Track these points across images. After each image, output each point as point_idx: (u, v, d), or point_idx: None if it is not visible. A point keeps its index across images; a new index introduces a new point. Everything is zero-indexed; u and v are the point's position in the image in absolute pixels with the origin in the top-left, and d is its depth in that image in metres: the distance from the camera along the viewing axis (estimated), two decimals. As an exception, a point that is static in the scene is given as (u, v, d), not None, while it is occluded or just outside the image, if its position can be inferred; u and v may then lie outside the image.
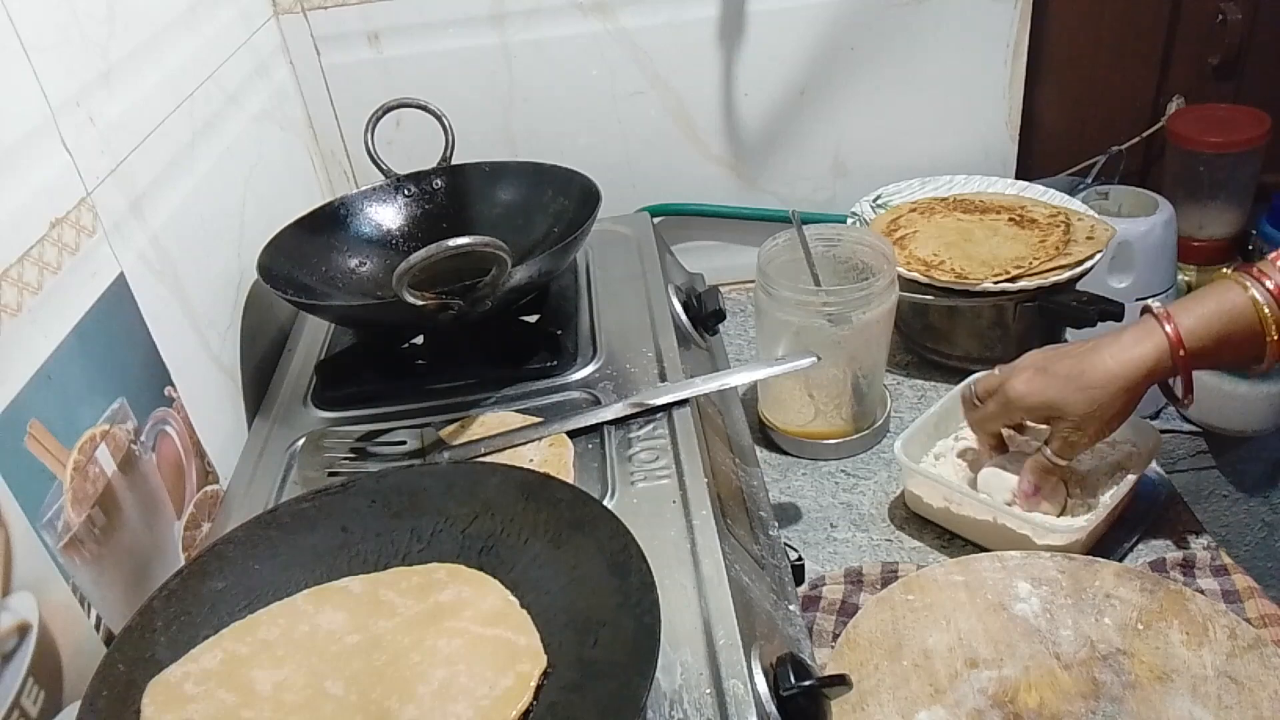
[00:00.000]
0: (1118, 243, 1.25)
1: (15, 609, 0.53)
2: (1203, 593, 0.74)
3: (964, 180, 1.15)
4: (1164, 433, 1.44)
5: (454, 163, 1.01)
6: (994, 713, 0.67)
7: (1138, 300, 1.35)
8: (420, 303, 0.70)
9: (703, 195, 1.22)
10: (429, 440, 0.74)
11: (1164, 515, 0.85)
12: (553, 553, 0.57)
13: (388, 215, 0.99)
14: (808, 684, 0.55)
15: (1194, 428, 1.38)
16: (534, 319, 0.88)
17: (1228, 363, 0.74)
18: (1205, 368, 0.73)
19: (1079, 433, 0.76)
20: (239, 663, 0.53)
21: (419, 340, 0.87)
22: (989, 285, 0.95)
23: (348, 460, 0.74)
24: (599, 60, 1.13)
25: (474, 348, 0.83)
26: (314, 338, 0.93)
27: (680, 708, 0.53)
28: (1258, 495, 1.45)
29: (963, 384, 0.87)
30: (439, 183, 1.00)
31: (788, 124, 1.19)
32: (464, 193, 1.00)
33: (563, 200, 0.95)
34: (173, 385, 0.75)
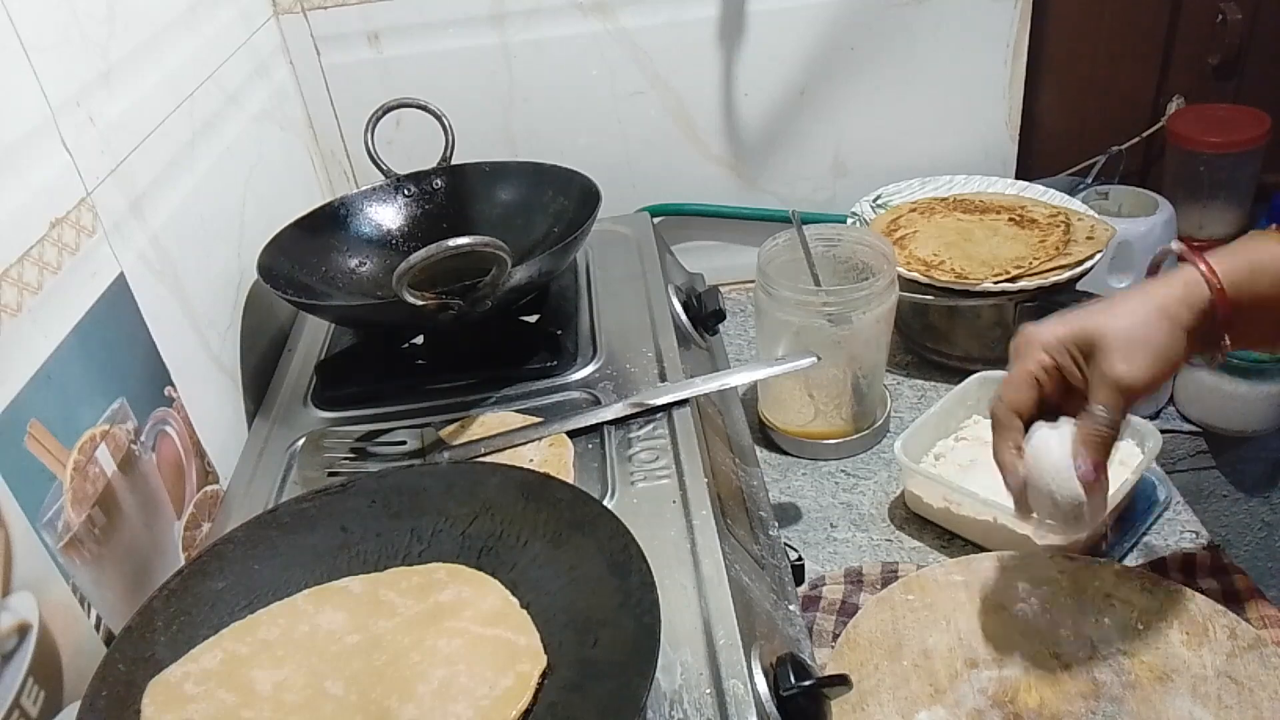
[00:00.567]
0: (1118, 243, 1.25)
1: (15, 609, 0.53)
2: (1203, 593, 0.73)
3: (964, 180, 1.15)
4: (1164, 433, 1.43)
5: (454, 163, 1.01)
6: (994, 713, 0.67)
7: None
8: (420, 303, 0.70)
9: (703, 195, 1.22)
10: (429, 440, 0.74)
11: (1164, 515, 0.85)
12: (553, 553, 0.57)
13: (388, 215, 0.99)
14: (808, 684, 0.55)
15: (1194, 428, 1.38)
16: (534, 319, 0.88)
17: (1272, 320, 0.62)
18: (1247, 319, 0.61)
19: (1128, 366, 0.60)
20: (239, 663, 0.53)
21: (419, 340, 0.87)
22: (989, 285, 0.95)
23: (348, 460, 0.74)
24: (599, 60, 1.13)
25: (474, 348, 0.83)
26: (314, 338, 0.93)
27: (680, 708, 0.53)
28: (1258, 495, 1.45)
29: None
30: (439, 183, 1.00)
31: (788, 124, 1.19)
32: (464, 193, 1.00)
33: (563, 200, 0.95)
34: (173, 385, 0.75)
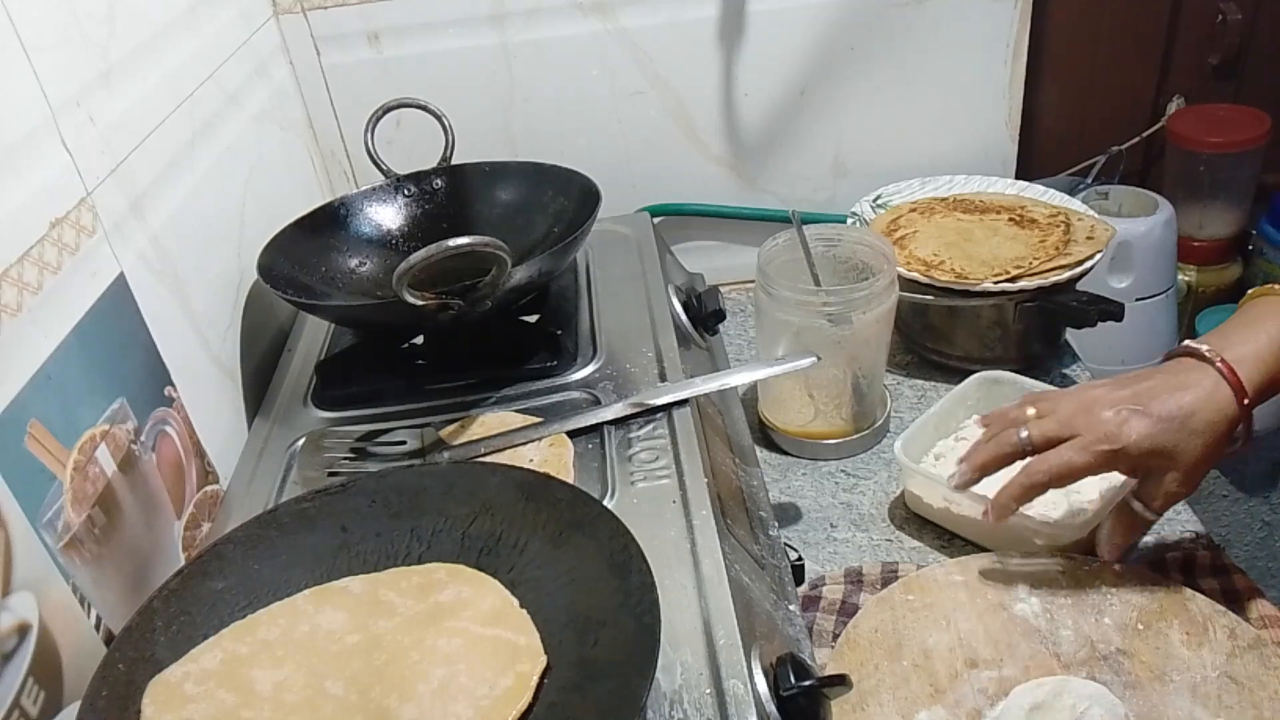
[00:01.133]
0: (1118, 243, 1.25)
1: (15, 609, 0.53)
2: (1203, 593, 0.73)
3: (964, 180, 1.15)
4: (1164, 433, 1.44)
5: (454, 163, 1.00)
6: (994, 712, 0.67)
7: (1138, 300, 1.35)
8: (420, 303, 0.70)
9: (703, 195, 1.22)
10: (429, 440, 0.74)
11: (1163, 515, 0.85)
12: (553, 553, 0.57)
13: (388, 215, 0.99)
14: (808, 684, 0.55)
15: (1194, 428, 1.38)
16: (534, 319, 0.88)
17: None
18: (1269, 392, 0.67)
19: (1185, 484, 0.68)
20: (239, 663, 0.53)
21: (419, 340, 0.87)
22: (989, 285, 0.95)
23: (348, 460, 0.74)
24: (599, 60, 1.13)
25: (474, 348, 0.83)
26: (314, 338, 0.93)
27: (680, 708, 0.53)
28: (1258, 495, 1.45)
29: (996, 432, 0.73)
30: (439, 183, 1.00)
31: (788, 124, 1.19)
32: (464, 193, 1.00)
33: (563, 200, 0.95)
34: (173, 385, 0.75)
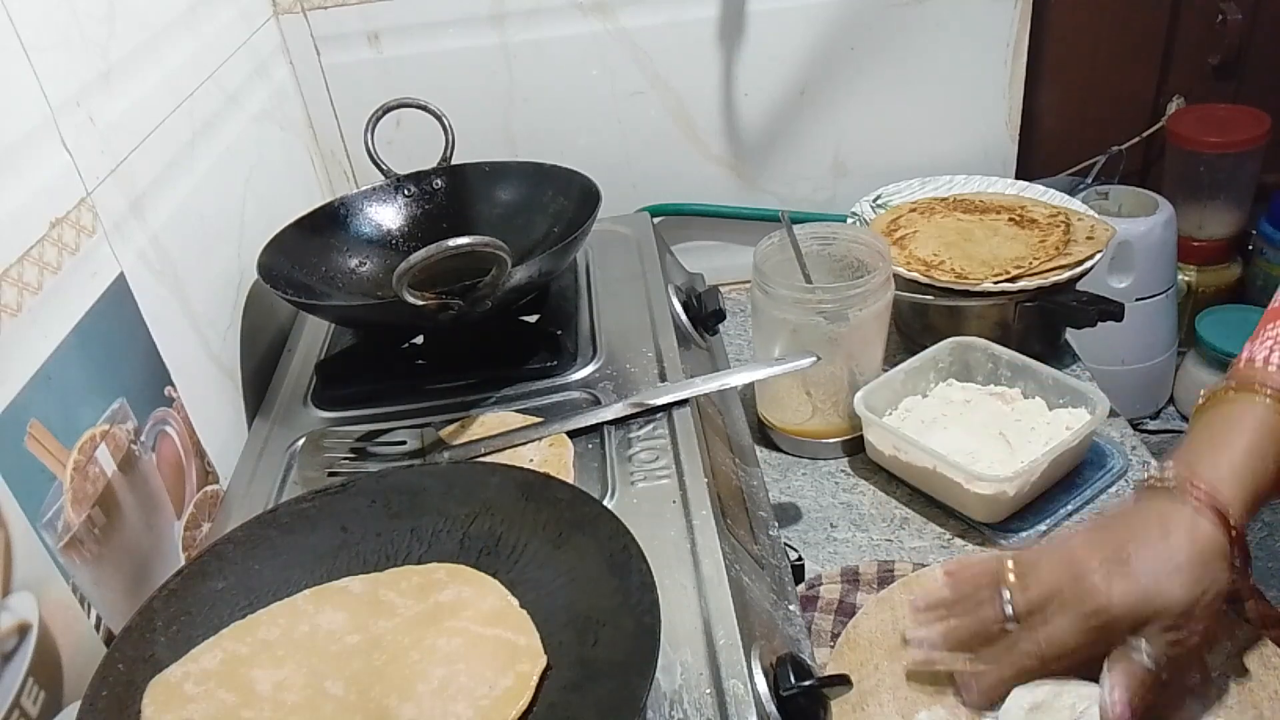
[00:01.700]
0: (1118, 243, 1.25)
1: (15, 609, 0.53)
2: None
3: (964, 180, 1.15)
4: (1164, 433, 1.44)
5: (454, 163, 1.00)
6: (994, 712, 0.67)
7: (1138, 300, 1.36)
8: (420, 303, 0.70)
9: (703, 195, 1.22)
10: (429, 440, 0.74)
11: (1119, 484, 0.87)
12: (553, 553, 0.57)
13: (388, 215, 0.99)
14: (808, 684, 0.55)
15: (1194, 428, 1.38)
16: (534, 319, 0.88)
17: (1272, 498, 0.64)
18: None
19: (1185, 632, 0.59)
20: (239, 662, 0.53)
21: (419, 340, 0.87)
22: (989, 285, 0.95)
23: (348, 460, 0.74)
24: (599, 60, 1.13)
25: (474, 348, 0.83)
26: (314, 338, 0.93)
27: (680, 708, 0.53)
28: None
29: (967, 592, 0.67)
30: (439, 183, 1.00)
31: (788, 124, 1.19)
32: (464, 193, 1.00)
33: (563, 200, 0.95)
34: (173, 385, 0.75)
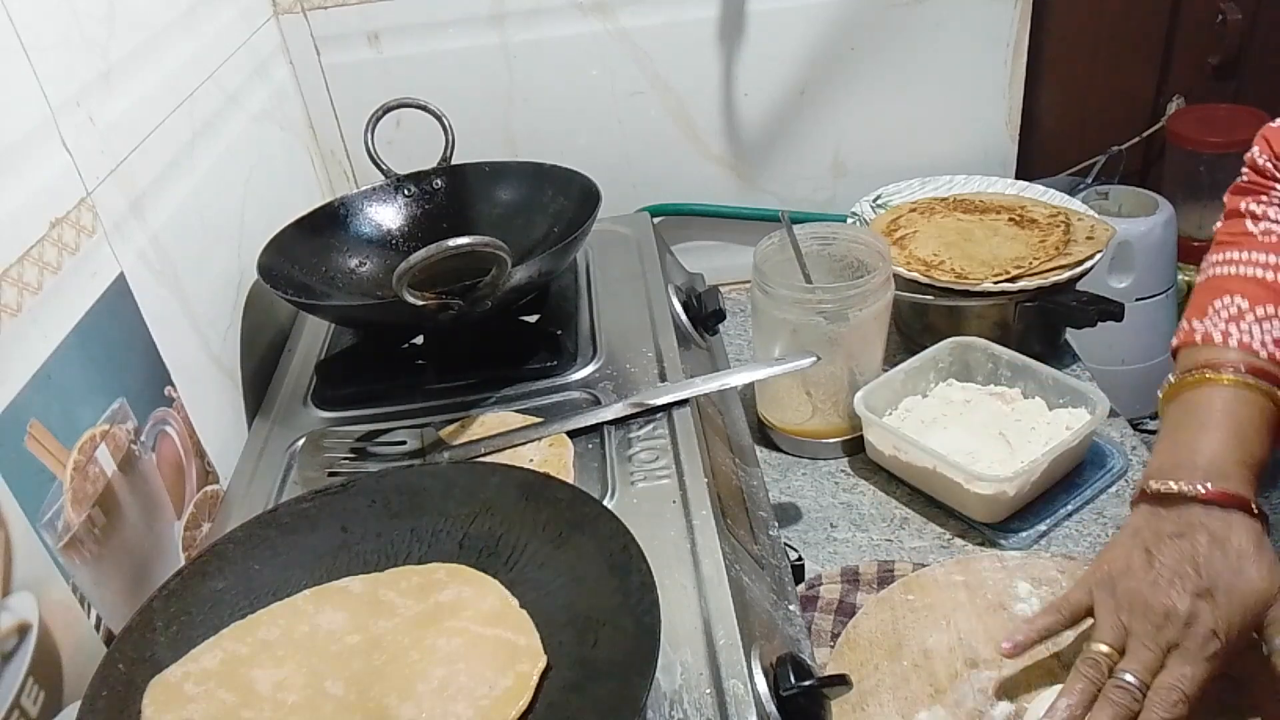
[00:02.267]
0: (1118, 243, 1.25)
1: (15, 609, 0.53)
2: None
3: (964, 180, 1.15)
4: (1164, 433, 1.44)
5: (454, 163, 1.01)
6: (994, 713, 0.67)
7: (1138, 300, 1.35)
8: (420, 303, 0.70)
9: (703, 195, 1.22)
10: (429, 440, 0.74)
11: (1119, 484, 0.87)
12: (553, 553, 0.57)
13: (388, 215, 0.99)
14: (808, 684, 0.55)
15: (1194, 428, 1.37)
16: (534, 319, 0.88)
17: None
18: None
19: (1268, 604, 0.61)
20: (239, 662, 0.53)
21: (419, 340, 0.87)
22: (989, 285, 0.95)
23: (348, 460, 0.74)
24: (599, 60, 1.13)
25: (474, 348, 0.83)
26: (314, 338, 0.93)
27: (680, 708, 0.53)
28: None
29: (1085, 689, 0.63)
30: (439, 183, 1.00)
31: (788, 124, 1.19)
32: (464, 193, 1.00)
33: (563, 200, 0.95)
34: (173, 385, 0.75)
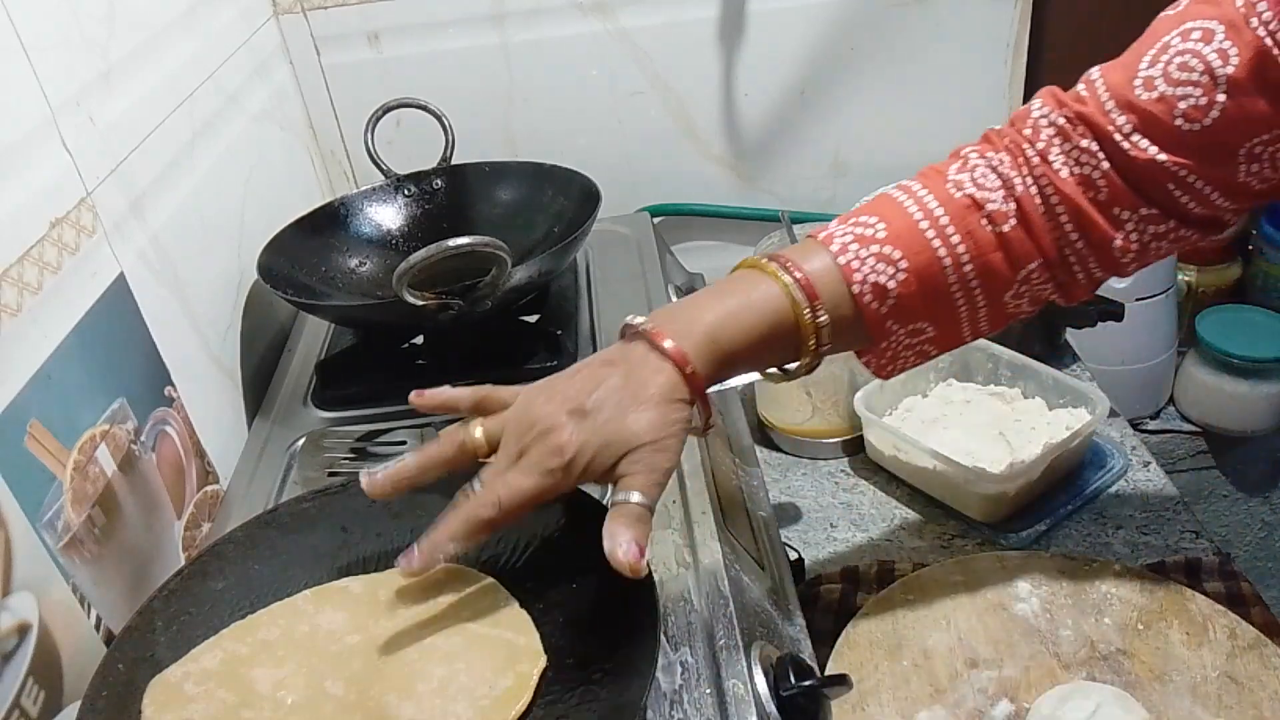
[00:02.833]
0: (1118, 243, 1.25)
1: (15, 609, 0.53)
2: (1208, 596, 0.73)
3: (964, 180, 1.15)
4: (1164, 433, 1.44)
5: (454, 163, 1.00)
6: (994, 713, 0.67)
7: (1138, 300, 1.35)
8: (420, 303, 0.70)
9: (703, 195, 1.22)
10: (429, 440, 0.74)
11: (1120, 483, 0.88)
12: (552, 553, 0.57)
13: (388, 215, 0.99)
14: (808, 684, 0.55)
15: (1194, 428, 1.38)
16: (534, 319, 0.88)
17: (754, 363, 0.60)
18: (719, 378, 0.58)
19: (650, 467, 0.53)
20: (239, 662, 0.53)
21: (419, 340, 0.87)
22: (989, 285, 0.95)
23: (348, 460, 0.74)
24: (599, 60, 1.13)
25: (474, 348, 0.83)
26: (314, 338, 0.93)
27: (680, 708, 0.53)
28: (1258, 495, 1.45)
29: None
30: (439, 183, 1.00)
31: (788, 124, 1.18)
32: (464, 193, 1.00)
33: (563, 200, 0.95)
34: (173, 385, 0.75)
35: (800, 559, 0.79)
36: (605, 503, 0.52)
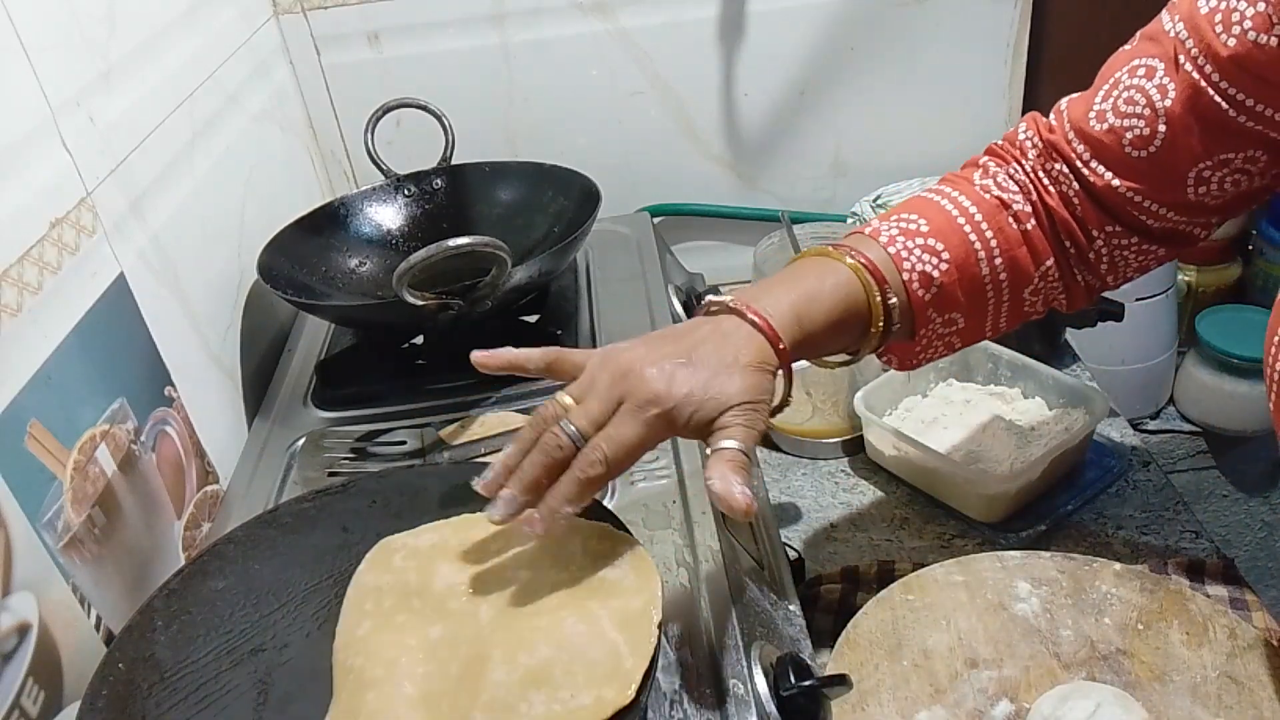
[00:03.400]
0: (1118, 243, 1.25)
1: (15, 609, 0.53)
2: (1209, 598, 0.73)
3: (964, 180, 1.15)
4: (1164, 433, 1.44)
5: (454, 163, 1.01)
6: (994, 713, 0.67)
7: (1138, 300, 1.35)
8: (420, 303, 0.70)
9: (703, 195, 1.22)
10: (429, 440, 0.74)
11: (1121, 483, 0.88)
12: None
13: (388, 215, 0.99)
14: (808, 684, 0.55)
15: (1194, 428, 1.37)
16: (534, 319, 0.88)
17: (819, 350, 0.63)
18: (798, 355, 0.60)
19: (746, 420, 0.55)
20: (439, 553, 0.55)
21: (419, 340, 0.87)
22: (989, 285, 0.95)
23: (348, 460, 0.74)
24: (599, 60, 1.13)
25: (474, 348, 0.83)
26: (314, 338, 0.93)
27: (680, 708, 0.53)
28: (1258, 495, 1.45)
29: (535, 435, 0.55)
30: (439, 183, 1.00)
31: (788, 124, 1.19)
32: (464, 193, 1.00)
33: (563, 200, 0.95)
34: (173, 385, 0.75)
35: (800, 559, 0.79)
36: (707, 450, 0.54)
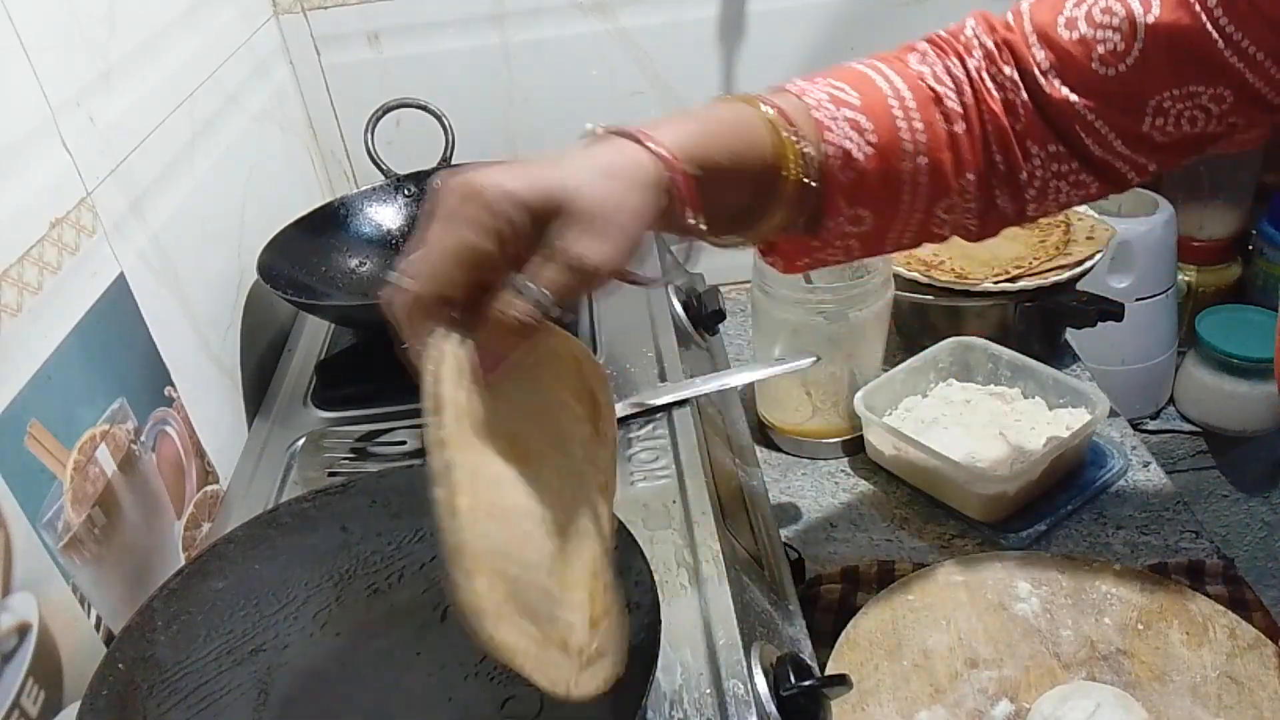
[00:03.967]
0: (1118, 243, 1.25)
1: (15, 609, 0.53)
2: (1209, 598, 0.73)
3: (964, 180, 1.15)
4: (1164, 433, 1.44)
5: (454, 163, 1.01)
6: (994, 713, 0.67)
7: (1138, 300, 1.36)
8: (420, 303, 0.70)
9: (703, 195, 1.22)
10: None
11: (1120, 484, 0.87)
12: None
13: (388, 215, 0.99)
14: (808, 684, 0.55)
15: (1194, 428, 1.38)
16: (534, 319, 0.88)
17: (735, 192, 0.57)
18: (709, 194, 0.53)
19: (601, 246, 0.46)
20: None
21: (419, 340, 0.87)
22: (989, 285, 0.95)
23: (348, 460, 0.74)
24: (599, 60, 1.13)
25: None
26: (314, 338, 0.93)
27: (680, 708, 0.53)
28: (1258, 495, 1.45)
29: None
30: (439, 183, 1.00)
31: (788, 124, 1.18)
32: (464, 193, 1.00)
33: (563, 200, 0.95)
34: (173, 385, 0.75)
35: (800, 559, 0.79)
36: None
